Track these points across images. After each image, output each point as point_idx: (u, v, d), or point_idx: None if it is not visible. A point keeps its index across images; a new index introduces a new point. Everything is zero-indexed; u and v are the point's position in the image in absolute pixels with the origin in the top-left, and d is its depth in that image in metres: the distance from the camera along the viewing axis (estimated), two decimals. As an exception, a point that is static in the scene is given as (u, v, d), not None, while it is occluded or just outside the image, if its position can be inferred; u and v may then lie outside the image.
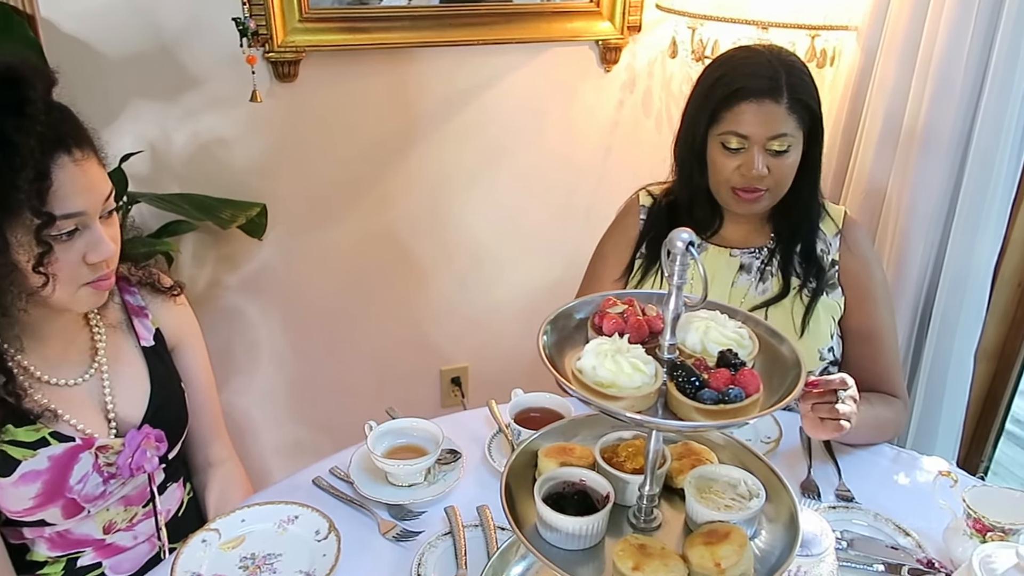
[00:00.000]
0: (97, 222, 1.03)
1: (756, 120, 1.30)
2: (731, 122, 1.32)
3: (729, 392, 0.70)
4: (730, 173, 1.35)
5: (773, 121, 1.30)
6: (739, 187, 1.35)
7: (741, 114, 1.31)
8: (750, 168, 1.31)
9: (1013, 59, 1.52)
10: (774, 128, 1.30)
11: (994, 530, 1.04)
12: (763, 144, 1.31)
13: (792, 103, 1.30)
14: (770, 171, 1.32)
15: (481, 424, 1.38)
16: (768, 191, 1.35)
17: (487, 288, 2.30)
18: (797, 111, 1.31)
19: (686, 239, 0.73)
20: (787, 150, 1.32)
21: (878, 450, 1.34)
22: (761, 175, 1.32)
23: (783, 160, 1.33)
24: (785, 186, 1.36)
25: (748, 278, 1.44)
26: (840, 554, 1.06)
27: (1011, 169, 1.62)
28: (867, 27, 1.80)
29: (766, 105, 1.30)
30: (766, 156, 1.32)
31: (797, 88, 1.31)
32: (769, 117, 1.30)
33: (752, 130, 1.31)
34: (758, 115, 1.30)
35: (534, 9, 2.04)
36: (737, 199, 1.37)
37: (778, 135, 1.30)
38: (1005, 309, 1.84)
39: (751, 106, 1.30)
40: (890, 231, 1.77)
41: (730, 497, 0.83)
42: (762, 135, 1.30)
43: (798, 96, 1.30)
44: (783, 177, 1.34)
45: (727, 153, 1.34)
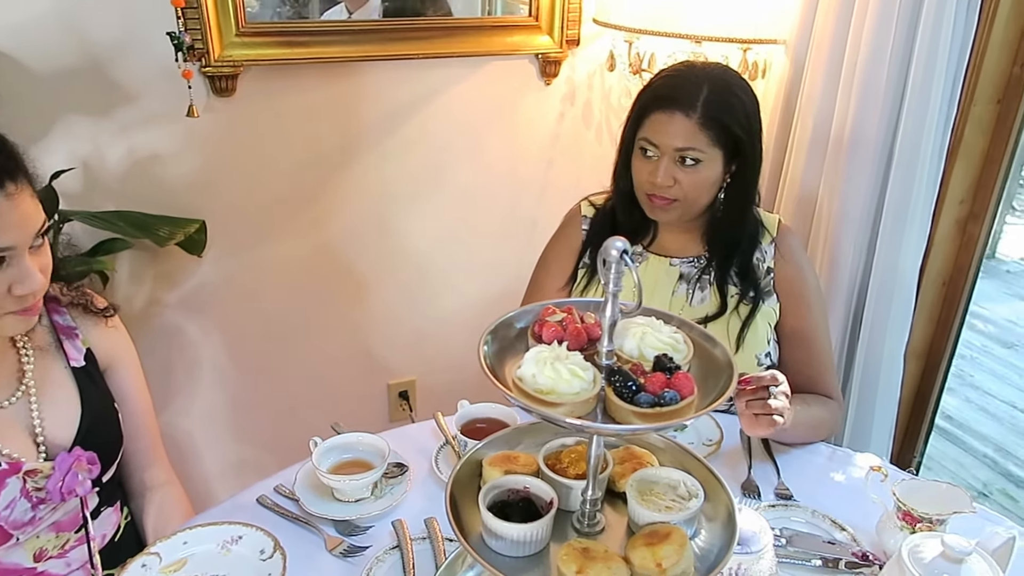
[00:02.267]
0: (26, 254, 1.00)
1: (665, 130, 1.34)
2: (647, 129, 1.37)
3: (664, 395, 0.72)
4: (643, 178, 1.39)
5: (680, 133, 1.33)
6: (650, 193, 1.39)
7: (655, 123, 1.35)
8: (655, 176, 1.35)
9: (930, 69, 1.60)
10: (681, 140, 1.33)
11: (922, 521, 1.09)
12: (672, 155, 1.34)
13: (705, 120, 1.32)
14: (680, 183, 1.35)
15: (428, 437, 1.38)
16: (679, 202, 1.38)
17: (433, 301, 2.30)
18: (711, 128, 1.33)
19: (620, 247, 0.74)
20: (697, 164, 1.35)
21: (814, 449, 1.38)
22: (666, 184, 1.35)
23: (694, 174, 1.35)
24: (697, 199, 1.39)
25: (687, 287, 1.47)
26: (779, 550, 1.09)
27: (932, 174, 1.70)
28: (795, 40, 1.86)
29: (676, 117, 1.33)
30: (675, 167, 1.35)
31: (715, 106, 1.33)
32: (677, 129, 1.33)
33: (661, 139, 1.34)
34: (668, 125, 1.34)
35: (474, 23, 2.06)
36: (650, 205, 1.41)
37: (686, 148, 1.33)
38: (931, 309, 1.91)
39: (663, 116, 1.34)
40: (822, 236, 1.83)
41: (670, 499, 0.85)
42: (670, 145, 1.34)
43: (714, 115, 1.33)
44: (694, 190, 1.37)
45: (642, 158, 1.38)
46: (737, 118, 1.36)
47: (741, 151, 1.38)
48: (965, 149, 1.77)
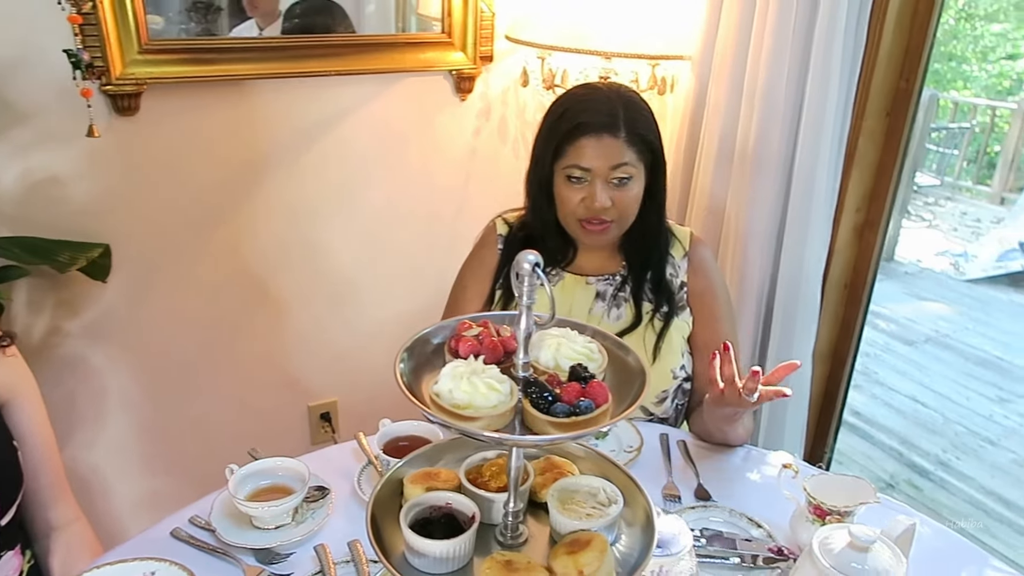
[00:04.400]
0: None
1: (596, 153, 1.36)
2: (573, 156, 1.37)
3: (580, 404, 0.73)
4: (575, 205, 1.40)
5: (612, 154, 1.36)
6: (585, 219, 1.40)
7: (582, 148, 1.36)
8: (593, 200, 1.37)
9: (824, 85, 1.68)
10: (613, 159, 1.36)
11: (832, 514, 1.13)
12: (605, 176, 1.37)
13: (630, 136, 1.36)
14: (614, 203, 1.38)
15: (350, 458, 1.35)
16: (614, 222, 1.41)
17: (352, 320, 2.27)
18: (636, 144, 1.37)
19: (532, 261, 0.76)
20: (629, 181, 1.38)
21: (731, 450, 1.42)
22: (604, 206, 1.38)
23: (626, 191, 1.39)
24: (630, 216, 1.43)
25: (603, 305, 1.50)
26: (699, 551, 1.12)
27: (830, 184, 1.78)
28: (699, 57, 1.93)
29: (605, 139, 1.36)
30: (609, 188, 1.37)
31: (635, 122, 1.37)
32: (608, 150, 1.36)
33: (593, 163, 1.36)
34: (598, 148, 1.36)
35: (386, 40, 2.05)
36: (585, 231, 1.42)
37: (618, 166, 1.36)
38: (835, 311, 2.01)
39: (591, 140, 1.36)
40: (731, 245, 1.90)
41: (591, 506, 0.87)
42: (603, 167, 1.36)
43: (636, 130, 1.37)
44: (627, 207, 1.41)
45: (571, 186, 1.39)
46: (652, 131, 1.41)
47: (657, 164, 1.42)
48: (859, 160, 1.87)
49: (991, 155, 7.58)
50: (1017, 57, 9.64)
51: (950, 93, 8.92)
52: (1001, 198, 6.80)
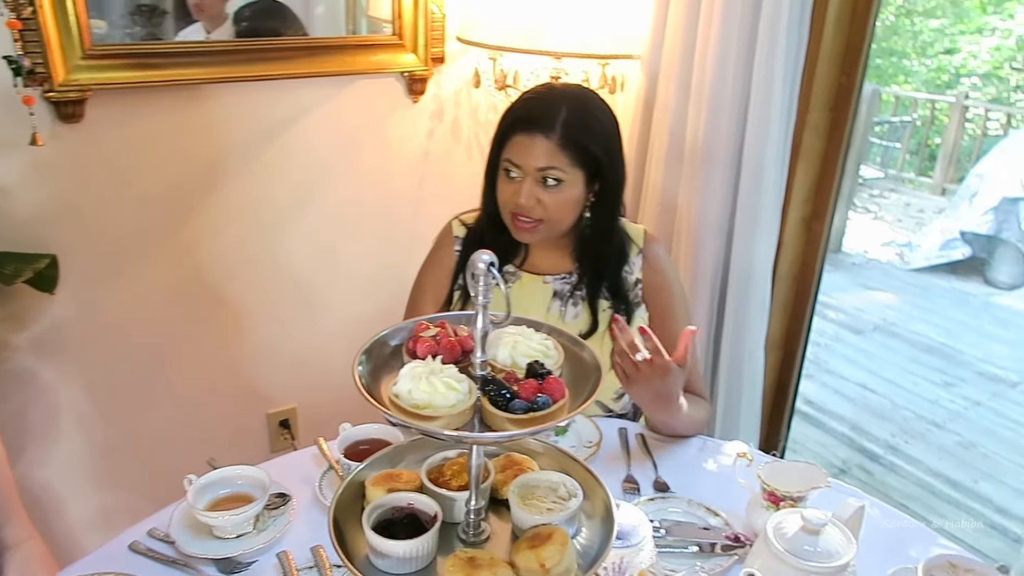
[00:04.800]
0: None
1: (525, 151, 1.37)
2: (509, 150, 1.39)
3: (537, 400, 0.75)
4: (507, 199, 1.41)
5: (540, 154, 1.36)
6: (515, 213, 1.41)
7: (516, 144, 1.38)
8: (519, 196, 1.38)
9: (769, 81, 1.72)
10: (541, 161, 1.36)
11: (785, 499, 1.17)
12: (534, 175, 1.37)
13: (565, 141, 1.36)
14: (542, 203, 1.38)
15: (310, 464, 1.35)
16: (543, 222, 1.40)
17: (310, 325, 2.26)
18: (570, 148, 1.36)
19: (487, 260, 0.77)
20: (560, 184, 1.37)
21: (687, 442, 1.45)
22: (529, 205, 1.38)
23: (556, 194, 1.38)
24: (561, 219, 1.42)
25: (560, 305, 1.51)
26: (659, 541, 1.14)
27: (777, 177, 1.83)
28: (648, 56, 1.97)
29: (536, 138, 1.36)
30: (538, 187, 1.37)
31: (574, 127, 1.36)
32: (537, 150, 1.36)
33: (523, 160, 1.37)
34: (528, 147, 1.37)
35: (336, 43, 2.04)
36: (515, 226, 1.43)
37: (547, 168, 1.36)
38: (785, 302, 2.06)
39: (523, 137, 1.37)
40: (683, 239, 1.94)
41: (551, 500, 0.88)
42: (531, 166, 1.37)
43: (573, 136, 1.36)
44: (556, 210, 1.40)
45: (506, 179, 1.41)
46: (596, 139, 1.39)
47: (602, 171, 1.41)
48: (805, 153, 1.92)
49: (932, 147, 7.83)
50: (954, 52, 9.97)
51: (892, 88, 9.19)
52: (942, 189, 7.03)
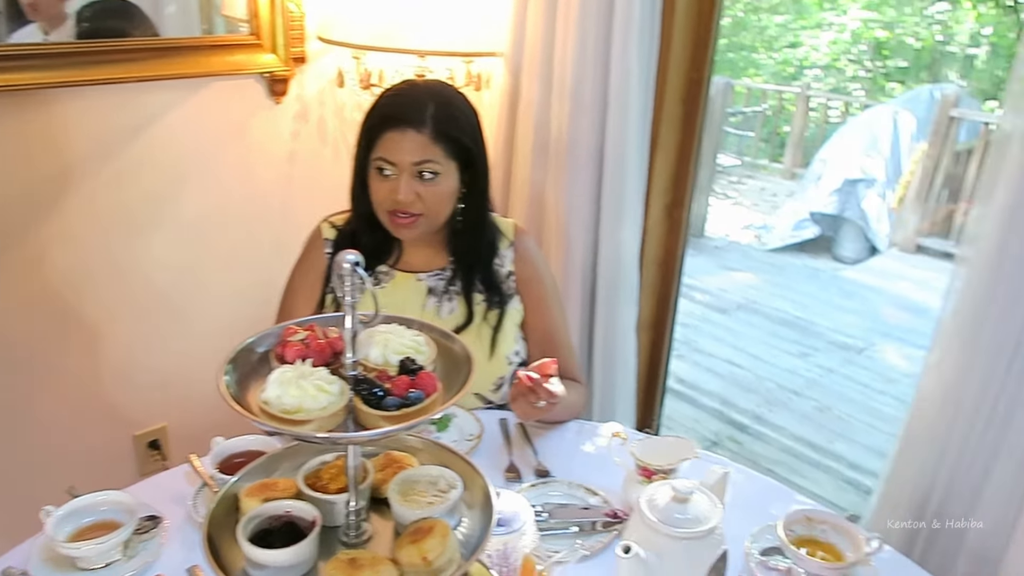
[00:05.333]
0: None
1: (400, 147, 1.37)
2: (380, 148, 1.39)
3: (410, 396, 0.76)
4: (383, 197, 1.41)
5: (415, 148, 1.37)
6: (392, 211, 1.41)
7: (388, 141, 1.38)
8: (396, 193, 1.39)
9: (626, 76, 1.79)
10: (417, 155, 1.37)
11: (657, 473, 1.23)
12: (410, 170, 1.38)
13: (436, 134, 1.38)
14: (421, 197, 1.39)
15: (183, 482, 1.29)
16: (423, 216, 1.42)
17: (176, 339, 2.15)
18: (443, 141, 1.39)
19: (352, 260, 0.77)
20: (436, 177, 1.39)
21: (565, 427, 1.50)
22: (409, 200, 1.39)
23: (433, 187, 1.40)
24: (440, 212, 1.44)
25: (436, 301, 1.52)
26: (541, 524, 1.18)
27: (639, 168, 1.91)
28: (510, 53, 2.00)
29: (409, 133, 1.37)
30: (415, 182, 1.39)
31: (443, 120, 1.39)
32: (412, 144, 1.37)
33: (398, 156, 1.38)
34: (401, 142, 1.37)
35: (190, 44, 1.96)
36: (394, 224, 1.43)
37: (422, 161, 1.38)
38: (653, 286, 2.15)
39: (396, 134, 1.37)
40: (553, 232, 1.99)
41: (432, 494, 0.89)
42: (407, 161, 1.38)
43: (443, 128, 1.38)
44: (435, 203, 1.42)
45: (380, 178, 1.40)
46: (464, 130, 1.43)
47: (472, 162, 1.45)
48: (662, 144, 2.01)
49: (782, 135, 8.38)
50: (797, 45, 10.71)
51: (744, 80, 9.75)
52: (792, 173, 7.54)
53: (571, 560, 1.06)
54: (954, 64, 9.79)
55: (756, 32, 11.23)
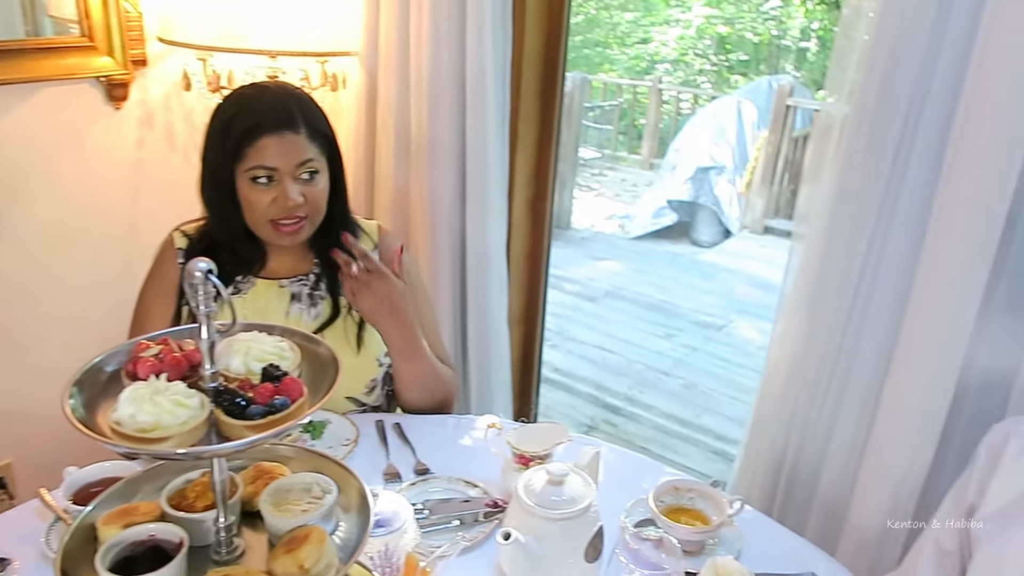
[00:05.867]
0: None
1: (280, 152, 1.34)
2: (255, 157, 1.34)
3: (275, 403, 0.74)
4: (266, 207, 1.37)
5: (296, 150, 1.35)
6: (278, 219, 1.38)
7: (264, 148, 1.33)
8: (286, 199, 1.35)
9: (482, 74, 1.81)
10: (299, 156, 1.35)
11: (533, 459, 1.26)
12: (292, 173, 1.36)
13: (310, 131, 1.37)
14: (306, 198, 1.38)
15: (32, 519, 1.20)
16: (308, 218, 1.40)
17: (17, 370, 1.98)
18: (316, 139, 1.38)
19: (204, 268, 0.74)
20: (317, 175, 1.39)
21: (441, 422, 1.51)
22: (297, 203, 1.36)
23: (315, 186, 1.39)
24: (322, 211, 1.43)
25: (300, 306, 1.49)
26: (422, 521, 1.18)
27: (500, 163, 1.93)
28: (365, 52, 1.98)
29: (287, 136, 1.34)
30: (298, 184, 1.37)
31: (311, 117, 1.38)
32: (292, 147, 1.35)
33: (278, 161, 1.34)
34: (280, 147, 1.34)
35: (12, 47, 1.81)
36: (279, 232, 1.39)
37: (304, 162, 1.36)
38: (521, 279, 2.20)
39: (273, 139, 1.34)
40: (419, 231, 1.99)
41: (306, 501, 0.87)
42: (289, 164, 1.35)
43: (314, 125, 1.38)
44: (318, 202, 1.41)
45: (258, 188, 1.36)
46: (327, 124, 1.42)
47: (335, 156, 1.44)
48: (522, 140, 2.05)
49: (638, 127, 8.74)
50: (648, 41, 11.19)
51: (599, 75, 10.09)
52: (650, 164, 7.89)
53: (453, 553, 1.07)
54: (789, 56, 10.56)
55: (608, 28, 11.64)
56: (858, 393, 1.44)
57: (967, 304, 1.26)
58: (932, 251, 1.28)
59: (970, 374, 1.32)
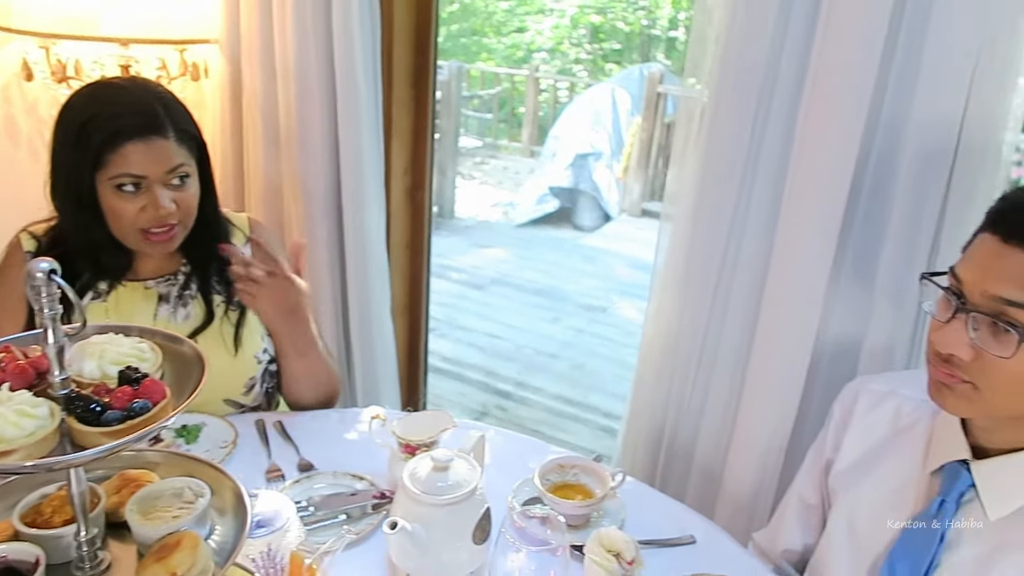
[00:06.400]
0: None
1: (147, 158, 1.26)
2: (120, 164, 1.25)
3: (134, 406, 0.70)
4: (134, 216, 1.29)
5: (165, 156, 1.28)
6: (148, 227, 1.30)
7: (129, 155, 1.25)
8: (157, 207, 1.28)
9: (351, 62, 1.76)
10: (168, 162, 1.28)
11: (419, 447, 1.26)
12: (162, 180, 1.28)
13: (178, 134, 1.30)
14: (178, 205, 1.31)
15: None
16: (180, 224, 1.34)
17: None
18: (184, 141, 1.31)
19: (45, 268, 0.69)
20: (187, 180, 1.32)
21: (325, 416, 1.49)
22: (170, 211, 1.29)
23: (186, 191, 1.33)
24: (194, 215, 1.37)
25: (169, 308, 1.42)
26: (308, 518, 1.16)
27: (375, 152, 1.89)
28: (226, 39, 1.89)
29: (155, 142, 1.27)
30: (169, 190, 1.30)
31: (178, 119, 1.31)
32: (160, 153, 1.27)
33: (147, 169, 1.26)
34: (148, 153, 1.26)
35: None
36: (150, 242, 1.32)
37: (174, 168, 1.29)
38: (403, 269, 2.18)
39: (140, 145, 1.25)
40: (295, 222, 1.93)
41: (177, 507, 0.84)
42: (158, 171, 1.27)
43: (181, 127, 1.31)
44: (190, 207, 1.35)
45: (125, 196, 1.27)
46: (193, 123, 1.36)
47: (203, 155, 1.38)
48: (397, 128, 2.03)
49: (518, 116, 8.83)
50: (524, 30, 11.31)
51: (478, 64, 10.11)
52: (531, 151, 7.99)
53: (339, 548, 1.05)
54: (660, 45, 10.95)
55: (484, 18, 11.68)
56: (727, 365, 1.52)
57: (818, 276, 1.35)
58: (786, 227, 1.37)
59: (824, 341, 1.42)
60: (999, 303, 0.83)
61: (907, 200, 1.28)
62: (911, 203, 1.28)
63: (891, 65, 1.24)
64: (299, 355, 1.46)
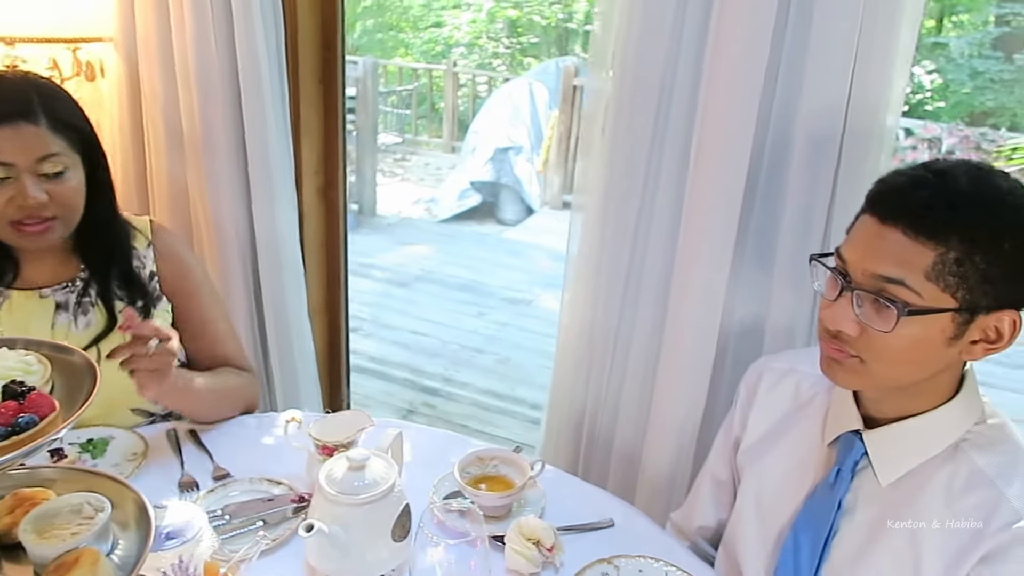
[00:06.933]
0: None
1: (15, 145, 1.21)
2: None
3: (19, 421, 0.68)
4: (3, 207, 1.23)
5: (36, 144, 1.22)
6: (19, 220, 1.24)
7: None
8: (25, 197, 1.22)
9: (254, 60, 1.73)
10: (39, 150, 1.23)
11: (337, 448, 1.25)
12: (32, 170, 1.23)
13: (54, 124, 1.24)
14: (52, 197, 1.25)
15: None
16: (57, 219, 1.28)
17: None
18: (63, 132, 1.25)
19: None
20: (63, 172, 1.26)
21: (241, 422, 1.45)
22: (41, 202, 1.23)
23: (63, 184, 1.26)
24: (75, 211, 1.31)
25: (68, 316, 1.36)
26: (223, 527, 1.13)
27: (283, 151, 1.86)
28: (121, 38, 1.83)
29: (23, 127, 1.21)
30: (41, 181, 1.24)
31: (56, 110, 1.26)
32: (30, 140, 1.22)
33: (15, 157, 1.21)
34: (17, 139, 1.21)
35: None
36: (22, 234, 1.26)
37: (46, 156, 1.23)
38: (320, 269, 2.15)
39: (7, 131, 1.20)
40: (203, 227, 1.88)
41: (76, 524, 0.81)
42: (27, 159, 1.22)
43: (59, 117, 1.25)
44: (69, 201, 1.29)
45: None
46: (80, 118, 1.30)
47: (94, 153, 1.33)
48: (306, 127, 1.99)
49: (438, 111, 8.79)
50: (442, 25, 11.26)
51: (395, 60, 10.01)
52: (452, 147, 7.97)
53: (254, 554, 1.03)
54: (577, 39, 11.08)
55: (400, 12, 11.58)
56: (641, 351, 1.56)
57: (721, 262, 1.40)
58: (689, 216, 1.41)
59: (730, 323, 1.47)
60: (879, 280, 0.88)
61: (801, 185, 1.34)
62: (805, 188, 1.34)
63: (780, 56, 1.29)
64: (206, 409, 1.42)
